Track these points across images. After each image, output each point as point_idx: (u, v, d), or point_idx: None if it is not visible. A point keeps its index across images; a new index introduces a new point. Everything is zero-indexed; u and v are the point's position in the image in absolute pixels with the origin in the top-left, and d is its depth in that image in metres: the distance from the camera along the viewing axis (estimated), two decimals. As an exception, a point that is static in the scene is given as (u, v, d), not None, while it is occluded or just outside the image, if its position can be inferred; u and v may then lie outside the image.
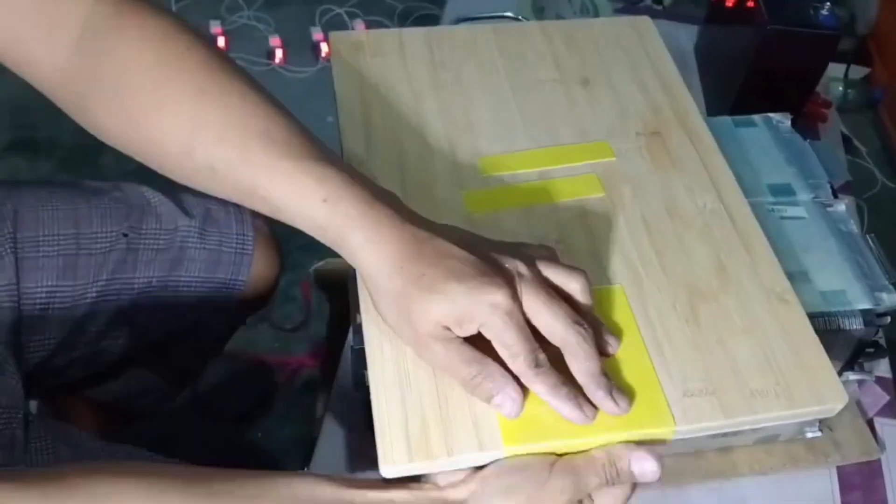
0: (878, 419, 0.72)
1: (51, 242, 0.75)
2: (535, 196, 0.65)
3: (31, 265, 0.74)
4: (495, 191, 0.65)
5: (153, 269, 0.80)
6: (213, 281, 0.84)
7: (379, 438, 0.51)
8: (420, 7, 1.90)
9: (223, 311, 0.87)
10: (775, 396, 0.53)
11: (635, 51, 0.76)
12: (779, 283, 0.59)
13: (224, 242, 0.84)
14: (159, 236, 0.80)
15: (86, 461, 0.67)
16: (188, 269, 0.82)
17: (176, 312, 0.83)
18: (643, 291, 0.59)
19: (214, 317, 0.87)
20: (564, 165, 0.66)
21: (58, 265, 0.75)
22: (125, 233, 0.78)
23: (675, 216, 0.64)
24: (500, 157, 0.67)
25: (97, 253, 0.77)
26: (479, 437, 0.51)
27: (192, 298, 0.83)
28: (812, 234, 0.70)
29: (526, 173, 0.66)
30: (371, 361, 0.54)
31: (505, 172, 0.66)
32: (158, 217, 0.81)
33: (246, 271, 0.85)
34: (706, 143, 0.69)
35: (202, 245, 0.82)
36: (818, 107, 1.02)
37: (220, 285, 0.84)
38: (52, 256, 0.75)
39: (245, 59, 1.82)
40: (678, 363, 0.55)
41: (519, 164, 0.67)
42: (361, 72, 0.72)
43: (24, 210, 0.75)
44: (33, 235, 0.74)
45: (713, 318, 0.57)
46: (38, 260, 0.74)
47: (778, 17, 0.89)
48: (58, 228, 0.76)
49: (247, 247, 0.85)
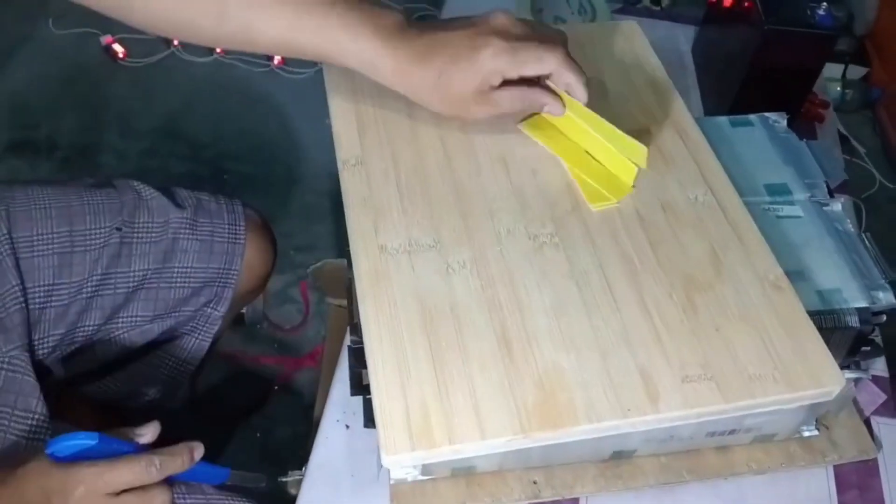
0: (875, 418, 0.72)
1: (45, 241, 0.75)
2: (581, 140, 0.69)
3: (28, 265, 0.74)
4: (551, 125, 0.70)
5: (147, 262, 0.80)
6: (208, 271, 0.84)
7: (380, 428, 0.51)
8: (418, 9, 1.90)
9: (219, 302, 0.87)
10: (773, 381, 0.54)
11: (623, 53, 0.78)
12: (772, 270, 0.61)
13: (216, 233, 0.84)
14: (151, 229, 0.81)
15: None
16: (181, 261, 0.82)
17: (172, 305, 0.84)
18: (639, 281, 0.60)
19: (211, 308, 0.87)
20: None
21: (53, 263, 0.76)
22: (118, 227, 0.79)
23: (668, 209, 0.65)
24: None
25: (92, 249, 0.77)
26: (481, 425, 0.51)
27: (188, 290, 0.84)
28: (808, 233, 0.70)
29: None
30: (370, 352, 0.55)
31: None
32: (150, 210, 0.81)
33: (239, 261, 0.85)
34: (695, 139, 0.70)
35: (194, 236, 0.83)
36: (816, 107, 1.03)
37: (215, 275, 0.85)
38: (48, 255, 0.75)
39: (244, 61, 1.83)
40: (676, 350, 0.55)
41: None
42: (354, 77, 0.72)
43: (16, 210, 0.75)
44: (28, 235, 0.75)
45: (709, 306, 0.58)
46: (33, 259, 0.75)
47: (775, 17, 0.89)
48: (51, 227, 0.76)
49: (239, 236, 0.85)
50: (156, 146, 1.71)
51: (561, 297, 0.59)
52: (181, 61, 1.84)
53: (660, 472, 0.66)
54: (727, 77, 0.98)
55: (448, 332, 0.56)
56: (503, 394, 0.54)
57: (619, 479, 0.65)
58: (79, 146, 1.71)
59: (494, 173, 0.66)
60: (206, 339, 0.89)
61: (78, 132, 1.73)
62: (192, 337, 0.88)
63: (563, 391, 0.54)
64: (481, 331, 0.56)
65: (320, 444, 0.70)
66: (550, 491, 0.65)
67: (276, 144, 1.70)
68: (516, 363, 0.55)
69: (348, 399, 0.70)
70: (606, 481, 0.65)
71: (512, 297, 0.58)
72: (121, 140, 1.72)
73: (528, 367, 0.55)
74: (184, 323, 0.87)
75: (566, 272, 0.60)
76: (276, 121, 1.74)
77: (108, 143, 1.71)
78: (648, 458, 0.66)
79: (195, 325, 0.88)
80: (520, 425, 0.52)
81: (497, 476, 0.64)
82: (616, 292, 0.59)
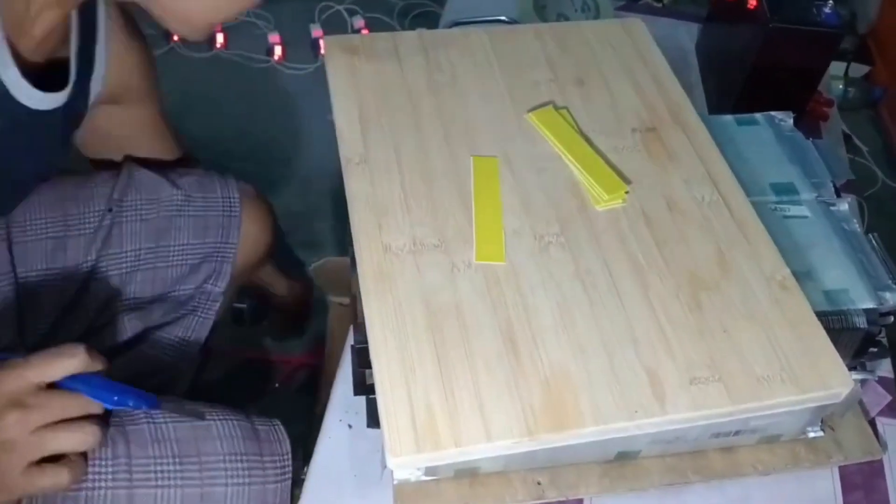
0: (881, 419, 0.72)
1: (39, 226, 0.75)
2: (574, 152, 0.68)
3: (21, 249, 0.74)
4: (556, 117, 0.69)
5: (140, 241, 0.80)
6: (205, 246, 0.84)
7: (386, 431, 0.51)
8: (419, 4, 1.89)
9: (219, 277, 0.86)
10: (781, 382, 0.54)
11: (627, 51, 0.77)
12: (779, 270, 0.60)
13: (210, 207, 0.84)
14: (142, 207, 0.81)
15: None
16: (176, 238, 0.82)
17: (171, 283, 0.83)
18: (646, 281, 0.59)
19: (211, 284, 0.87)
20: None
21: (46, 248, 0.76)
22: (109, 208, 0.79)
23: (674, 208, 0.64)
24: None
25: (86, 233, 0.77)
26: (487, 427, 0.51)
27: (185, 268, 0.83)
28: (815, 233, 0.70)
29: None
30: (375, 354, 0.54)
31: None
32: (140, 188, 0.81)
33: (236, 233, 0.85)
34: (701, 137, 0.70)
35: (188, 212, 0.82)
36: (820, 105, 1.02)
37: (212, 250, 0.84)
38: (42, 239, 0.76)
39: (244, 56, 1.82)
40: (683, 351, 0.55)
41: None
42: (357, 75, 0.72)
43: None
44: (21, 220, 0.75)
45: (716, 306, 0.58)
46: (26, 244, 0.75)
47: (780, 15, 0.88)
48: (44, 212, 0.76)
49: (234, 209, 0.85)
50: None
51: (567, 296, 0.58)
52: (180, 57, 1.83)
53: (665, 473, 0.66)
54: (731, 75, 0.97)
55: (453, 333, 0.56)
56: (509, 395, 0.53)
57: (624, 480, 0.65)
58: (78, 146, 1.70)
59: (500, 172, 0.66)
60: (209, 316, 0.88)
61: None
62: (194, 316, 0.88)
63: (569, 392, 0.53)
64: (487, 331, 0.56)
65: (323, 445, 0.70)
66: (555, 492, 0.64)
67: (276, 141, 1.69)
68: (522, 364, 0.55)
69: (351, 399, 0.70)
70: (611, 482, 0.65)
71: (517, 296, 0.58)
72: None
73: (534, 368, 0.54)
74: (185, 302, 0.86)
75: (572, 272, 0.60)
76: (276, 117, 1.73)
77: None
78: (653, 459, 0.66)
79: (197, 304, 0.87)
80: (526, 427, 0.52)
81: (501, 477, 0.64)
82: (622, 292, 0.59)
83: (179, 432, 0.66)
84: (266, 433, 0.70)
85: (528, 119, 0.69)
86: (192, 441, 0.66)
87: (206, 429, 0.67)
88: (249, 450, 0.67)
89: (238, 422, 0.69)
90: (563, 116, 0.70)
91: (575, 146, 0.68)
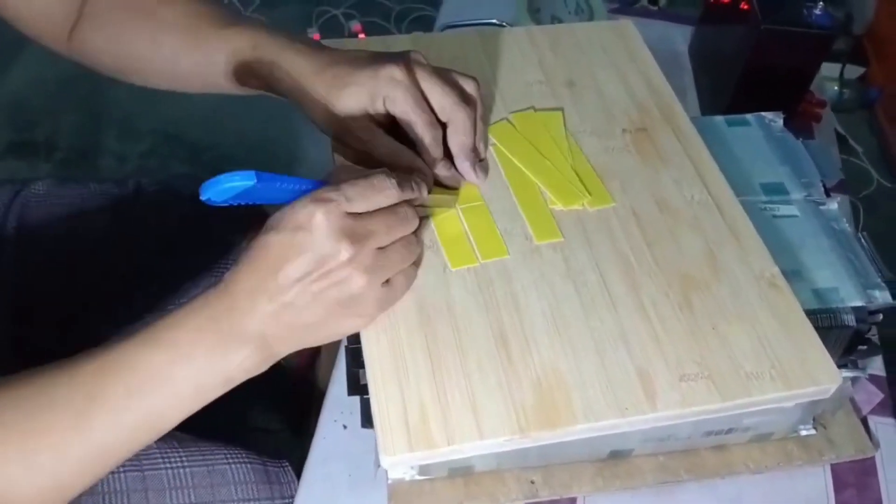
0: (872, 417, 0.72)
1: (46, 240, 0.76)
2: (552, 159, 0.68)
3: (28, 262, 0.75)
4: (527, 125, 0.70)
5: (147, 255, 0.82)
6: (210, 255, 0.85)
7: (378, 430, 0.51)
8: (416, 9, 1.90)
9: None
10: (770, 379, 0.54)
11: (618, 53, 0.78)
12: (768, 269, 0.61)
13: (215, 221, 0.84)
14: (149, 221, 0.83)
15: None
16: (182, 250, 0.84)
17: (178, 297, 0.84)
18: (636, 281, 0.60)
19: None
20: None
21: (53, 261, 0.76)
22: (115, 221, 0.81)
23: (664, 208, 0.65)
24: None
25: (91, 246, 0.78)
26: (479, 425, 0.52)
27: (191, 283, 0.84)
28: (805, 233, 0.70)
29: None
30: (368, 354, 0.55)
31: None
32: (147, 203, 0.83)
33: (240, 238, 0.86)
34: (691, 138, 0.71)
35: (194, 225, 0.84)
36: (812, 106, 1.03)
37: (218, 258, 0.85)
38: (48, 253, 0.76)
39: (242, 61, 1.83)
40: (673, 349, 0.56)
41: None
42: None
43: (29, 205, 0.77)
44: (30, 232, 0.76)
45: (706, 305, 0.58)
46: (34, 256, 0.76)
47: (772, 16, 0.89)
48: (52, 225, 0.77)
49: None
50: (155, 147, 1.71)
51: (558, 296, 0.59)
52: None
53: (657, 472, 0.66)
54: (724, 77, 0.98)
55: (445, 333, 0.56)
56: (501, 393, 0.54)
57: (617, 479, 0.66)
58: (78, 148, 1.71)
59: (490, 171, 0.66)
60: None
61: (77, 134, 1.73)
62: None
63: (560, 391, 0.54)
64: (479, 331, 0.57)
65: (317, 445, 0.70)
66: (548, 490, 0.65)
67: (275, 145, 1.70)
68: (514, 363, 0.55)
69: (345, 399, 0.70)
70: (604, 481, 0.65)
71: (509, 296, 0.59)
72: (120, 142, 1.72)
73: (526, 367, 0.55)
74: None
75: (563, 272, 0.60)
76: (275, 121, 1.74)
77: (107, 144, 1.72)
78: (646, 458, 0.66)
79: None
80: (518, 425, 0.52)
81: (495, 475, 0.64)
82: (613, 292, 0.59)
83: (196, 478, 0.68)
84: (276, 475, 0.73)
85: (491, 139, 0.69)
86: (209, 488, 0.69)
87: (221, 474, 0.70)
88: (262, 494, 0.71)
89: (251, 465, 0.72)
90: (524, 128, 0.69)
91: (530, 163, 0.67)
